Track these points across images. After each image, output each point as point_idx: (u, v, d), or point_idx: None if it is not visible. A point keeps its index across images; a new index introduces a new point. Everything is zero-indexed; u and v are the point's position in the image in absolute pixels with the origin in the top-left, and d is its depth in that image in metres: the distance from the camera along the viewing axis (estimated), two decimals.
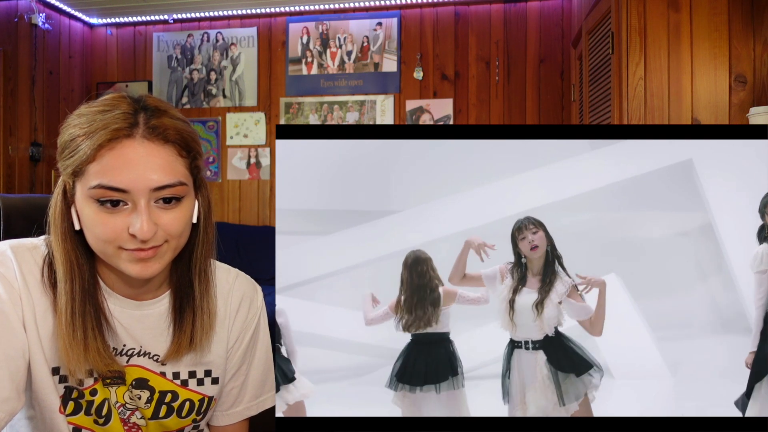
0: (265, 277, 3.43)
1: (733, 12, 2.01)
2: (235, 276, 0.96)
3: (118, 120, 0.74)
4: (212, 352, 0.91)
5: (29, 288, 0.80)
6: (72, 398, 0.83)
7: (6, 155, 3.65)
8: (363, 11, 3.97)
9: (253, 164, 4.10)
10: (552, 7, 3.74)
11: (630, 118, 2.09)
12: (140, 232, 0.74)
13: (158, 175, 0.75)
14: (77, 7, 4.00)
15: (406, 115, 3.90)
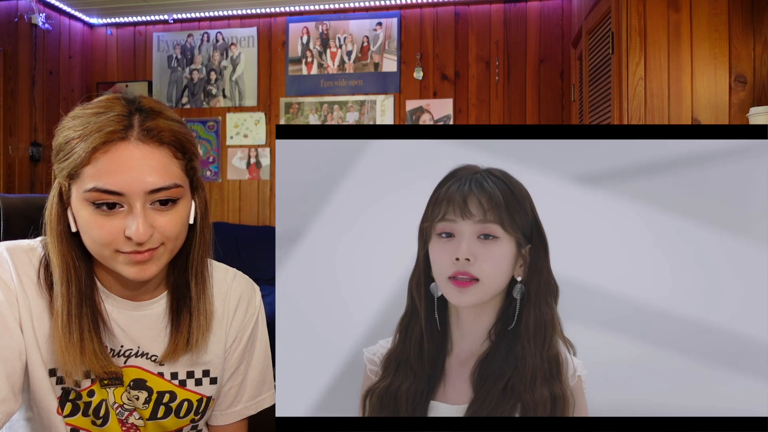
0: (265, 277, 3.43)
1: (733, 12, 2.01)
2: (233, 276, 0.96)
3: (112, 122, 0.74)
4: (210, 352, 0.91)
5: (26, 289, 0.80)
6: (69, 399, 0.83)
7: (6, 155, 3.65)
8: (363, 11, 3.97)
9: (253, 164, 4.10)
10: (552, 7, 3.74)
11: (630, 118, 2.09)
12: (136, 234, 0.74)
13: (153, 178, 0.75)
14: (77, 7, 4.00)
15: (406, 115, 3.90)
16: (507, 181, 0.81)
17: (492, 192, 0.79)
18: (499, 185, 0.80)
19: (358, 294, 1.05)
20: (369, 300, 1.05)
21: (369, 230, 1.05)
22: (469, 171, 0.82)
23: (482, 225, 0.78)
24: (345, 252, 1.06)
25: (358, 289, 1.06)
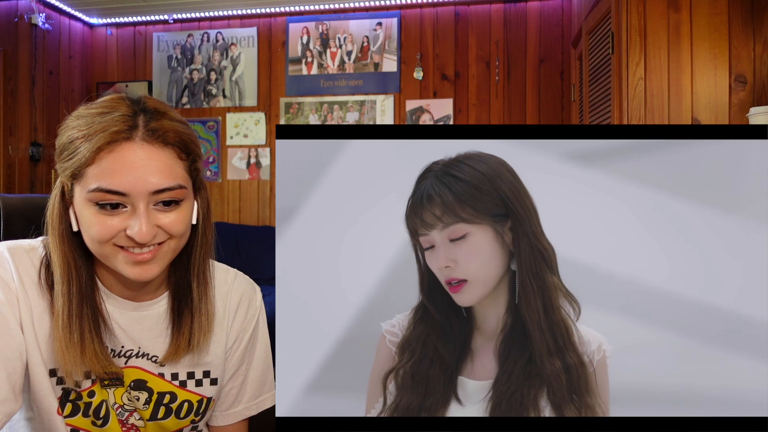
0: (265, 277, 3.43)
1: (733, 12, 2.01)
2: (233, 276, 0.96)
3: (117, 122, 0.74)
4: (211, 353, 0.91)
5: (26, 289, 0.79)
6: (70, 400, 0.83)
7: (6, 155, 3.65)
8: (363, 11, 3.97)
9: (253, 164, 4.10)
10: (552, 7, 3.74)
11: (630, 118, 2.09)
12: (139, 235, 0.74)
13: (157, 178, 0.75)
14: (77, 7, 4.00)
15: (406, 115, 3.90)
16: (470, 167, 0.79)
17: (443, 194, 0.78)
18: (453, 181, 0.79)
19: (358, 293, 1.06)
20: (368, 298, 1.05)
21: (369, 230, 1.05)
22: (426, 174, 0.81)
23: (447, 230, 0.79)
24: (345, 252, 1.06)
25: (359, 289, 1.06)
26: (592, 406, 0.80)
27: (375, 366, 0.88)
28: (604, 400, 0.83)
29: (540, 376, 0.80)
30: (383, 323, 0.88)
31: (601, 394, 0.83)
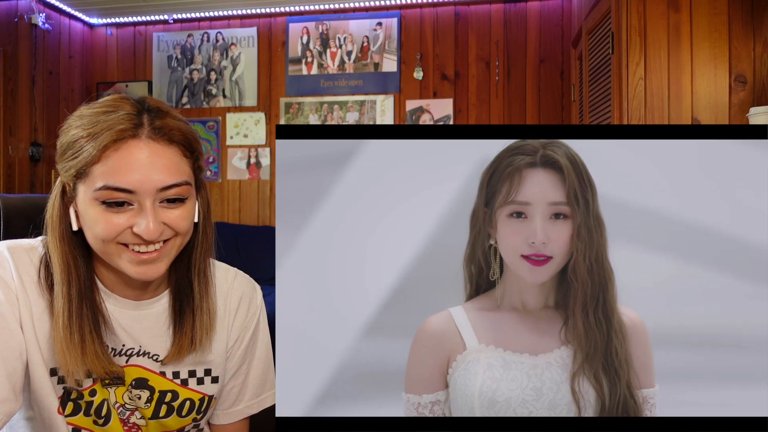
0: (265, 277, 3.43)
1: (733, 12, 2.01)
2: (234, 275, 0.96)
3: (122, 121, 0.74)
4: (212, 352, 0.91)
5: (26, 289, 0.79)
6: (71, 399, 0.83)
7: (6, 155, 3.65)
8: (363, 11, 3.97)
9: (253, 164, 4.10)
10: (552, 7, 3.74)
11: (630, 118, 2.09)
12: (146, 232, 0.74)
13: (164, 176, 0.75)
14: (77, 7, 4.00)
15: (406, 115, 3.90)
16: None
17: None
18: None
19: (358, 291, 1.06)
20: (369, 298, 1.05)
21: (370, 230, 1.06)
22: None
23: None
24: (345, 252, 1.06)
25: (358, 287, 1.06)
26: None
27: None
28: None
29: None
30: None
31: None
